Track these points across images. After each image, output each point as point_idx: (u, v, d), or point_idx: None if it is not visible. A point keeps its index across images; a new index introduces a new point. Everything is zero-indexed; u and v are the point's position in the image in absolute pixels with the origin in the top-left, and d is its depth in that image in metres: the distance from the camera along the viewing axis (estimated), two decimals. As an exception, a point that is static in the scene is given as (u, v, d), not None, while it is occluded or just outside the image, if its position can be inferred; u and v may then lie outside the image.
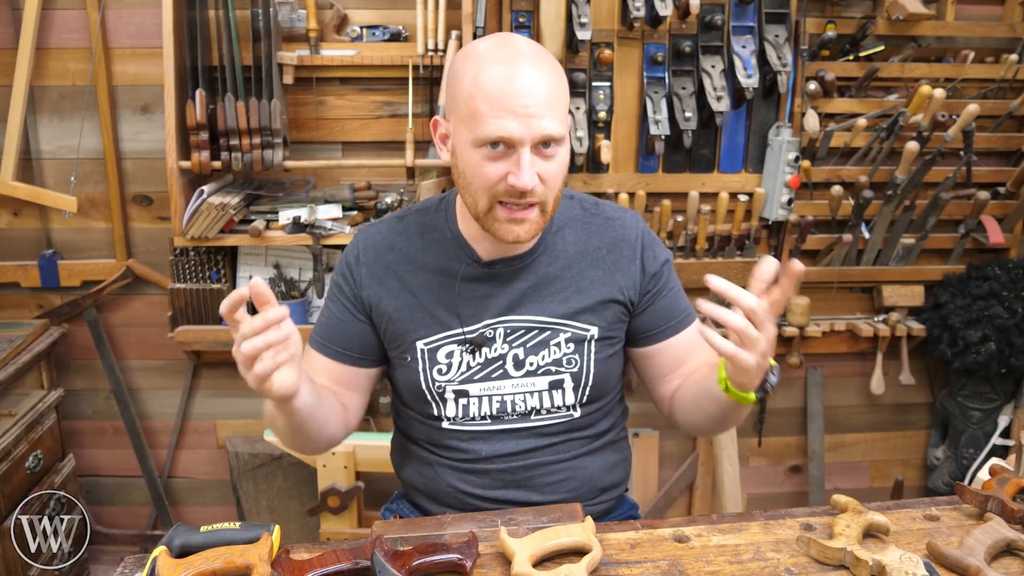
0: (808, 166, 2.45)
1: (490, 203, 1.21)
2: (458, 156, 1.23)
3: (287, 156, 2.29)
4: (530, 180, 1.16)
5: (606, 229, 1.37)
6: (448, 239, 1.34)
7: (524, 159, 1.16)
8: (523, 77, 1.15)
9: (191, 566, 0.99)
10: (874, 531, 1.12)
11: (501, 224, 1.22)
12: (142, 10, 2.32)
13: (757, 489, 2.85)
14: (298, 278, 2.44)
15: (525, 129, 1.15)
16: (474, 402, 1.33)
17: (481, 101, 1.16)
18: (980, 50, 2.48)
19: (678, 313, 1.39)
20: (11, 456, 2.12)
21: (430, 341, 1.32)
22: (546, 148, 1.18)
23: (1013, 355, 2.46)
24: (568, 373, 1.33)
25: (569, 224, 1.37)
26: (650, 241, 1.39)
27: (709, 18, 2.32)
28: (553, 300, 1.33)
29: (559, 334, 1.33)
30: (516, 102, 1.14)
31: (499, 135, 1.15)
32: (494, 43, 1.22)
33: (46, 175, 2.43)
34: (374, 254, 1.36)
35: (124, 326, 2.57)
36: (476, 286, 1.32)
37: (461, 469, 1.35)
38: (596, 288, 1.34)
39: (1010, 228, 2.59)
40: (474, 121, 1.17)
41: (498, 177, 1.18)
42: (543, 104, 1.16)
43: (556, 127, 1.17)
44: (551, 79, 1.18)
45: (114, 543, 2.66)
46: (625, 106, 2.40)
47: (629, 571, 1.06)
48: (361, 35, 2.35)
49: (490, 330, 1.32)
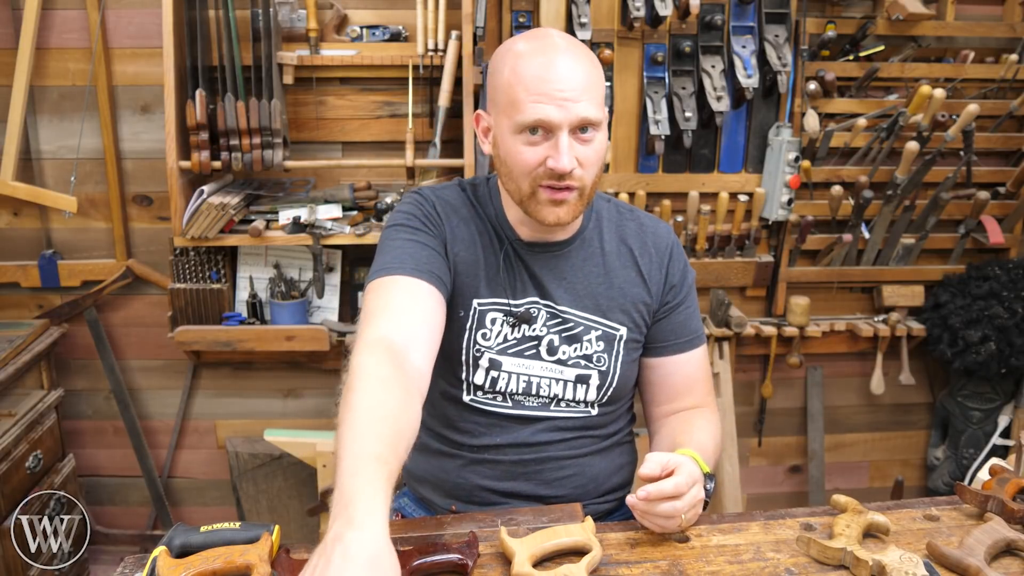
0: (808, 166, 2.45)
1: (532, 187, 1.24)
2: (499, 145, 1.27)
3: (287, 156, 2.29)
4: (569, 163, 1.20)
5: (639, 234, 1.40)
6: (491, 216, 1.37)
7: (563, 142, 1.20)
8: (560, 65, 1.20)
9: (191, 566, 0.99)
10: (874, 531, 1.12)
11: (543, 206, 1.25)
12: (142, 10, 2.32)
13: (757, 489, 2.85)
14: (298, 278, 2.44)
15: (563, 113, 1.19)
16: (503, 377, 1.33)
17: (520, 89, 1.20)
18: (980, 50, 2.48)
19: (688, 333, 1.41)
20: (11, 456, 2.12)
21: (484, 303, 1.33)
22: (583, 133, 1.22)
23: (1013, 355, 2.46)
24: (596, 371, 1.35)
25: (604, 222, 1.40)
26: (678, 254, 1.42)
27: (709, 18, 2.32)
28: (585, 294, 1.35)
29: (591, 331, 1.35)
30: (553, 87, 1.18)
31: (537, 119, 1.19)
32: (530, 36, 1.27)
33: (46, 175, 2.43)
34: (449, 207, 1.36)
35: (124, 326, 2.57)
36: (519, 265, 1.35)
37: (471, 460, 1.36)
38: (627, 288, 1.37)
39: (1010, 228, 2.59)
40: (513, 108, 1.21)
41: (537, 161, 1.22)
42: (579, 89, 1.19)
43: (593, 111, 1.21)
44: (587, 66, 1.22)
45: (114, 543, 2.66)
46: (625, 106, 2.40)
47: (629, 571, 1.06)
48: (361, 35, 2.35)
49: (535, 308, 1.34)
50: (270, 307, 2.40)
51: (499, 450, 1.35)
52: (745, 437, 2.77)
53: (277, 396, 2.65)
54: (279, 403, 2.66)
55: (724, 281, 2.56)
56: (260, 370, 2.62)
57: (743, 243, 2.52)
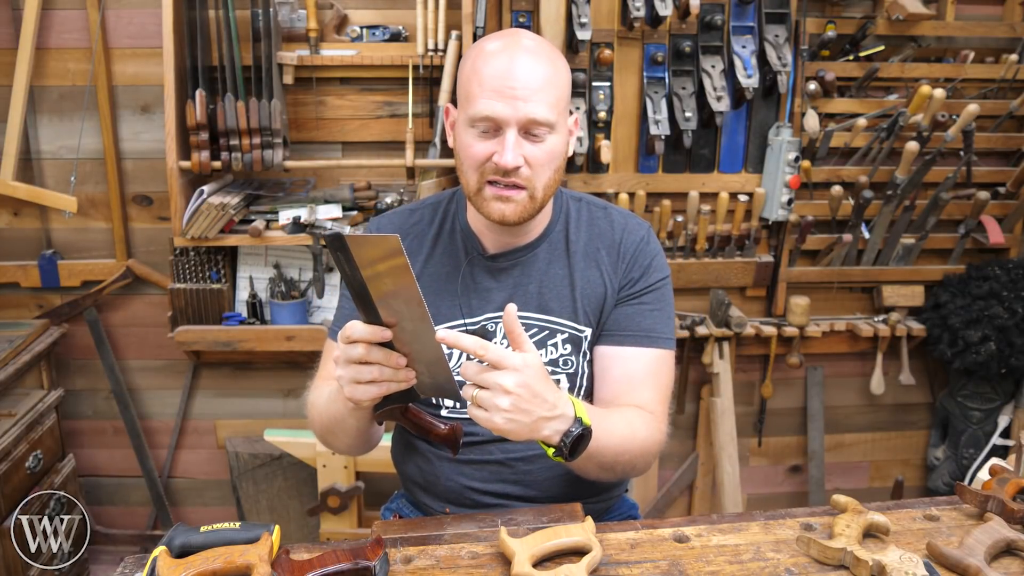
0: (808, 166, 2.45)
1: (479, 182, 1.25)
2: (456, 138, 1.29)
3: (287, 156, 2.29)
4: (512, 159, 1.20)
5: (608, 231, 1.38)
6: (457, 231, 1.38)
7: (508, 139, 1.21)
8: (519, 64, 1.21)
9: (191, 566, 0.99)
10: (874, 531, 1.12)
11: (488, 202, 1.25)
12: (142, 10, 2.32)
13: (757, 489, 2.85)
14: (298, 278, 2.44)
15: (511, 111, 1.20)
16: None
17: (475, 83, 1.22)
18: (980, 50, 2.48)
19: (634, 328, 1.34)
20: (11, 456, 2.12)
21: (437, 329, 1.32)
22: (534, 133, 1.22)
23: (1013, 355, 2.46)
24: (564, 374, 1.34)
25: (573, 223, 1.39)
26: (649, 251, 1.37)
27: (709, 18, 2.32)
28: (551, 296, 1.34)
29: (556, 334, 1.34)
30: (505, 84, 1.20)
31: (486, 114, 1.21)
32: (501, 35, 1.29)
33: (46, 175, 2.43)
34: None
35: (124, 326, 2.57)
36: (480, 278, 1.35)
37: (460, 462, 1.35)
38: (593, 288, 1.35)
39: (1010, 228, 2.59)
40: (467, 102, 1.24)
41: (484, 156, 1.23)
42: (533, 89, 1.20)
43: (543, 112, 1.21)
44: (547, 69, 1.22)
45: (114, 543, 2.66)
46: (625, 106, 2.40)
47: (629, 571, 1.06)
48: (361, 35, 2.35)
49: (491, 324, 1.33)
50: (270, 307, 2.40)
51: (483, 449, 1.34)
52: (745, 437, 2.77)
53: (277, 396, 2.65)
54: (279, 403, 2.66)
55: (724, 281, 2.56)
56: (260, 370, 2.62)
57: (743, 243, 2.52)
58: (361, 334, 1.06)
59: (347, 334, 1.07)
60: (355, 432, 1.29)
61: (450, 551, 1.11)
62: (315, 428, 1.38)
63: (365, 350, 1.06)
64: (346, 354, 1.07)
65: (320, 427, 1.35)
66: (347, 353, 1.07)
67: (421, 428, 1.17)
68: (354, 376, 1.08)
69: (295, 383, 2.63)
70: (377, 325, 1.06)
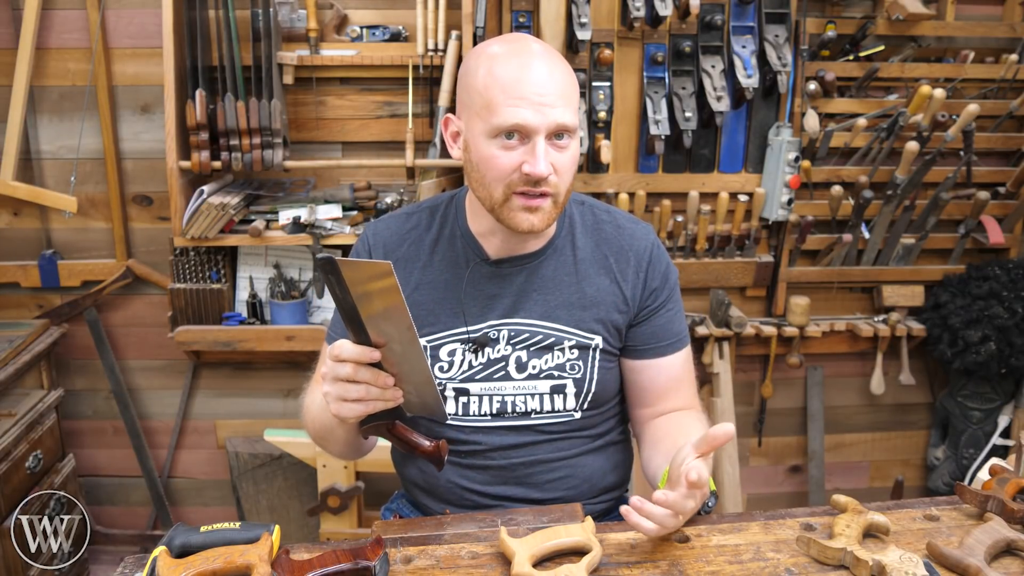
0: (808, 166, 2.45)
1: (506, 194, 1.21)
2: (472, 150, 1.24)
3: (287, 156, 2.29)
4: (545, 168, 1.18)
5: (616, 237, 1.37)
6: (457, 236, 1.35)
7: (539, 147, 1.18)
8: (537, 69, 1.18)
9: (191, 566, 0.99)
10: (874, 531, 1.12)
11: (517, 213, 1.22)
12: (142, 10, 2.32)
13: (757, 489, 2.85)
14: (298, 278, 2.44)
15: (540, 118, 1.17)
16: (474, 400, 1.33)
17: (497, 91, 1.18)
18: (980, 50, 2.48)
19: (671, 336, 1.37)
20: (11, 456, 2.12)
21: (434, 338, 1.32)
22: (559, 139, 1.21)
23: (1013, 355, 2.46)
24: (571, 379, 1.33)
25: (578, 229, 1.37)
26: (659, 256, 1.38)
27: (709, 18, 2.32)
28: (558, 305, 1.33)
29: (564, 341, 1.33)
30: (531, 90, 1.17)
31: (515, 123, 1.17)
32: (506, 40, 1.26)
33: (46, 175, 2.43)
34: (384, 249, 1.37)
35: (124, 326, 2.57)
36: (483, 285, 1.33)
37: (461, 464, 1.35)
38: (602, 296, 1.34)
39: (1010, 228, 2.59)
40: (489, 111, 1.18)
41: (513, 167, 1.19)
42: (557, 94, 1.18)
43: (569, 117, 1.20)
44: (563, 73, 1.21)
45: (114, 543, 2.66)
46: (625, 106, 2.40)
47: (629, 571, 1.06)
48: (361, 35, 2.35)
49: (494, 331, 1.32)
50: (270, 307, 2.40)
51: (485, 455, 1.34)
52: (745, 437, 2.77)
53: (277, 396, 2.65)
54: (279, 403, 2.66)
55: (724, 281, 2.56)
56: (260, 370, 2.62)
57: (743, 243, 2.52)
58: (350, 354, 1.06)
59: (335, 353, 1.06)
60: (344, 442, 1.31)
61: (450, 551, 1.11)
62: (309, 431, 1.39)
63: (353, 370, 1.06)
64: (334, 372, 1.08)
65: (313, 431, 1.36)
66: (335, 371, 1.07)
67: (406, 444, 1.16)
68: (341, 394, 1.08)
69: (295, 383, 2.63)
70: (366, 345, 1.06)
